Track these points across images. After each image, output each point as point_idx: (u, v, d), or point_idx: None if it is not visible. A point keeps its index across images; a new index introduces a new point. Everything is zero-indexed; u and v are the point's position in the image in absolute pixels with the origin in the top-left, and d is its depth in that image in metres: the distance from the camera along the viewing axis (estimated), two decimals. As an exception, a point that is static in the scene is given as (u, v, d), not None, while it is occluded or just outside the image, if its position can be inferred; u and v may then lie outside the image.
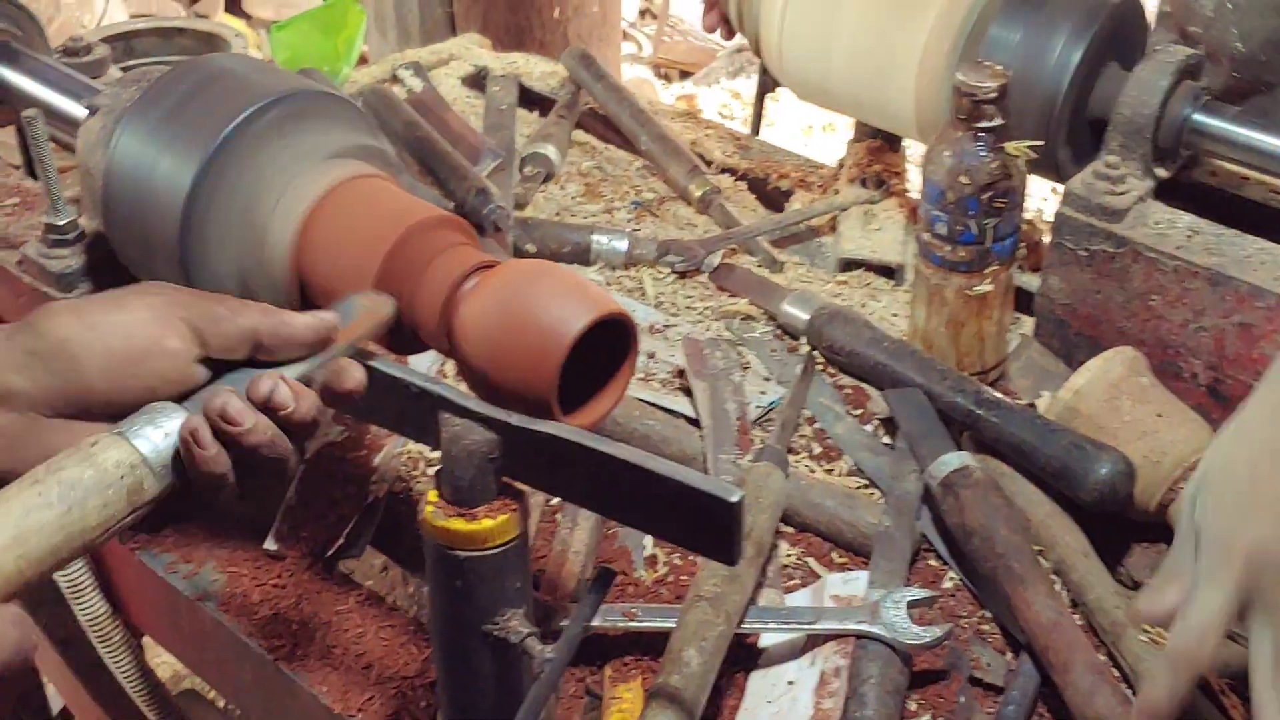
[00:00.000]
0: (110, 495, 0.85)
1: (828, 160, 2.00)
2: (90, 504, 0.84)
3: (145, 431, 0.88)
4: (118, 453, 0.87)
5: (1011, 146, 1.39)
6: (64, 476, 0.84)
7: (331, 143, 1.13)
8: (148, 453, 0.87)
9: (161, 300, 0.93)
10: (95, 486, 0.85)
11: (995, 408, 1.36)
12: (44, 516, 0.82)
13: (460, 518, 0.97)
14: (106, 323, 0.91)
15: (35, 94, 1.35)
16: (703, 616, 1.13)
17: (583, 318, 0.97)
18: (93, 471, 0.85)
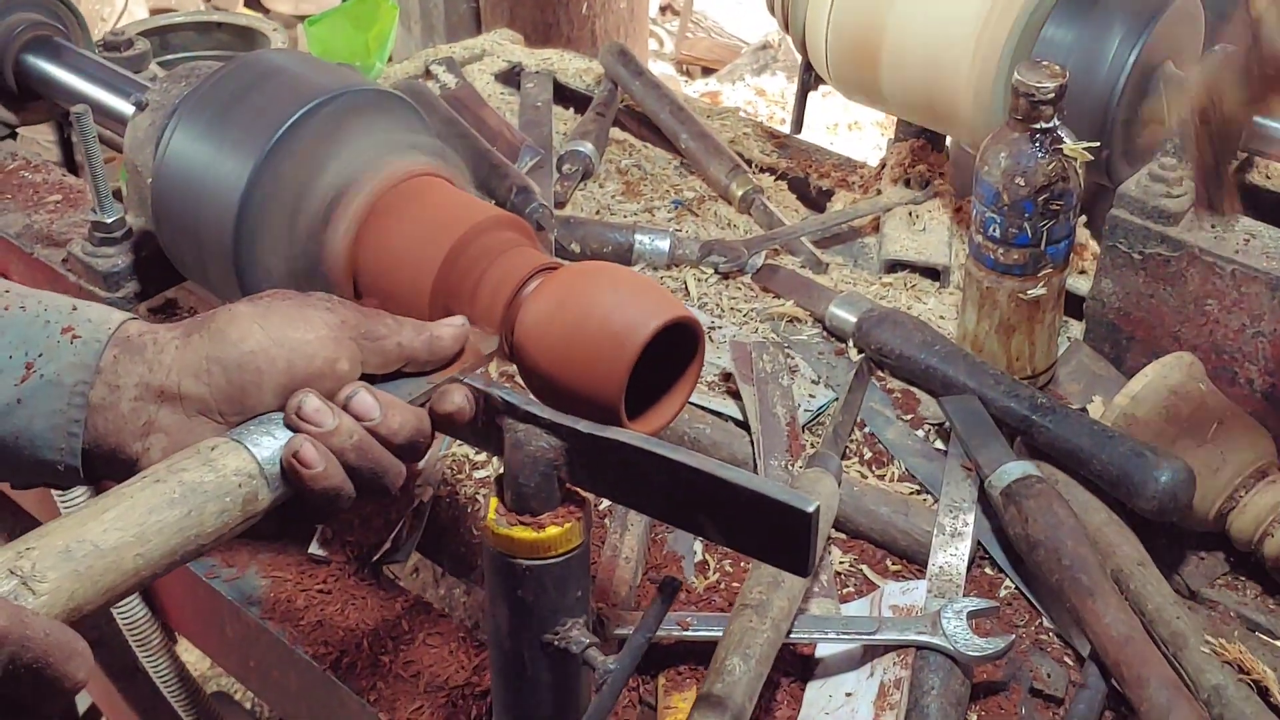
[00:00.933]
0: (227, 503, 0.85)
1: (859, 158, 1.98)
2: (209, 509, 0.84)
3: (262, 441, 0.88)
4: (236, 460, 0.86)
5: (1069, 148, 1.36)
6: (186, 479, 0.84)
7: (388, 140, 1.11)
8: (264, 463, 0.87)
9: (336, 319, 0.93)
10: (215, 493, 0.84)
11: (1051, 413, 1.34)
12: (166, 517, 0.82)
13: (523, 525, 0.95)
14: (292, 340, 0.91)
15: (80, 89, 1.33)
16: (747, 624, 1.11)
17: (652, 322, 0.95)
18: (214, 477, 0.84)
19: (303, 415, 0.89)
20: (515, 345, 1.01)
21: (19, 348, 0.91)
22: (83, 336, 0.92)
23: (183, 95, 1.16)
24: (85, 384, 0.91)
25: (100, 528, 0.80)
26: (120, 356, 0.92)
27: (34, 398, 0.90)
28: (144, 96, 1.18)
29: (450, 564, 1.29)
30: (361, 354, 0.94)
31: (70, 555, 0.78)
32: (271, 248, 1.09)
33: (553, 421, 0.94)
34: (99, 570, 0.79)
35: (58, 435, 0.91)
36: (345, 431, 0.89)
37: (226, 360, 0.90)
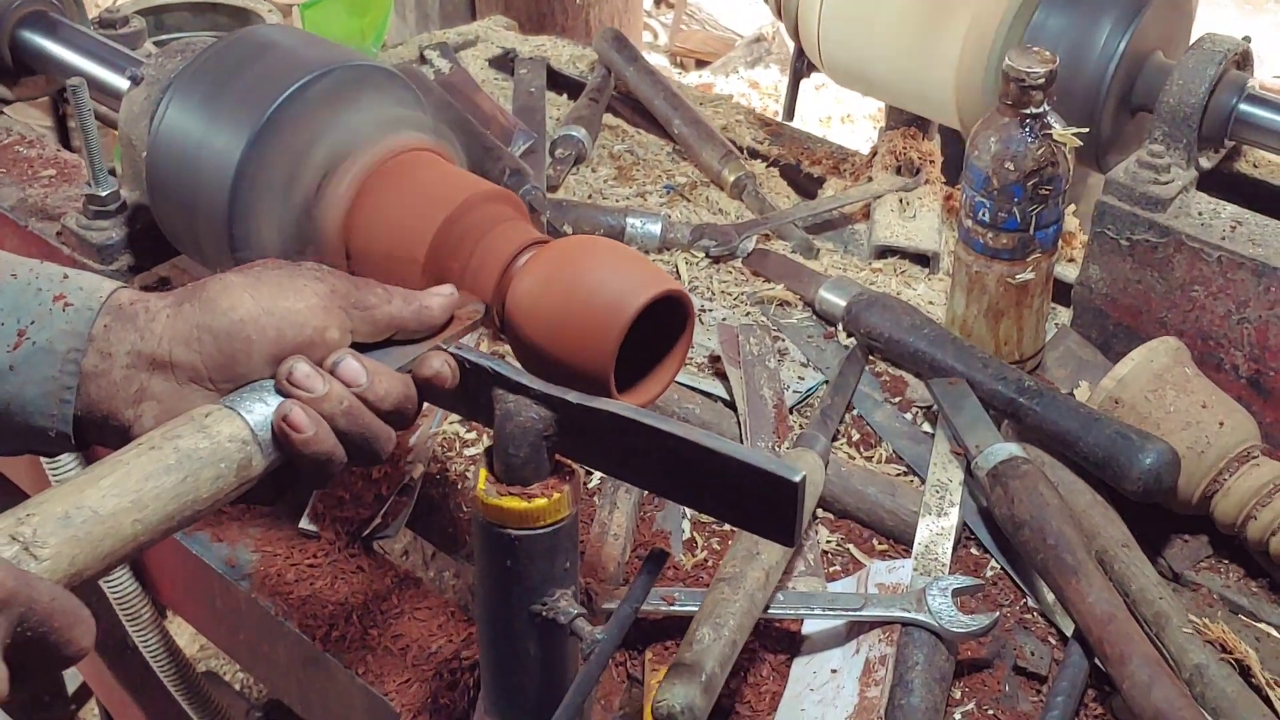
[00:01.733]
0: (222, 469, 0.86)
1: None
2: (204, 475, 0.85)
3: (255, 408, 0.88)
4: (230, 427, 0.87)
5: (1059, 133, 1.37)
6: (181, 445, 0.84)
7: (382, 116, 1.12)
8: (257, 429, 0.87)
9: (326, 288, 0.93)
10: (210, 458, 0.85)
11: (1038, 396, 1.35)
12: (162, 483, 0.83)
13: (513, 495, 0.95)
14: (282, 309, 0.91)
15: (76, 64, 1.34)
16: (720, 596, 1.12)
17: (641, 295, 0.96)
18: (208, 443, 0.85)
19: (293, 381, 0.89)
20: (506, 318, 1.01)
21: (10, 315, 0.91)
22: (75, 304, 0.92)
23: (178, 69, 1.17)
24: (78, 351, 0.91)
25: (98, 494, 0.81)
26: (112, 325, 0.92)
27: (26, 365, 0.90)
28: (139, 71, 1.19)
29: (440, 540, 1.30)
30: (351, 323, 0.95)
31: (70, 521, 0.79)
32: (265, 221, 1.10)
33: (543, 392, 0.94)
34: (98, 535, 0.80)
35: (50, 402, 0.91)
36: (335, 397, 0.90)
37: (217, 329, 0.91)
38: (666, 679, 1.06)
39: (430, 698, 1.16)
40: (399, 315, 0.96)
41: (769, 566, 1.15)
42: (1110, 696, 1.15)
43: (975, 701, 1.14)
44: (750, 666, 1.17)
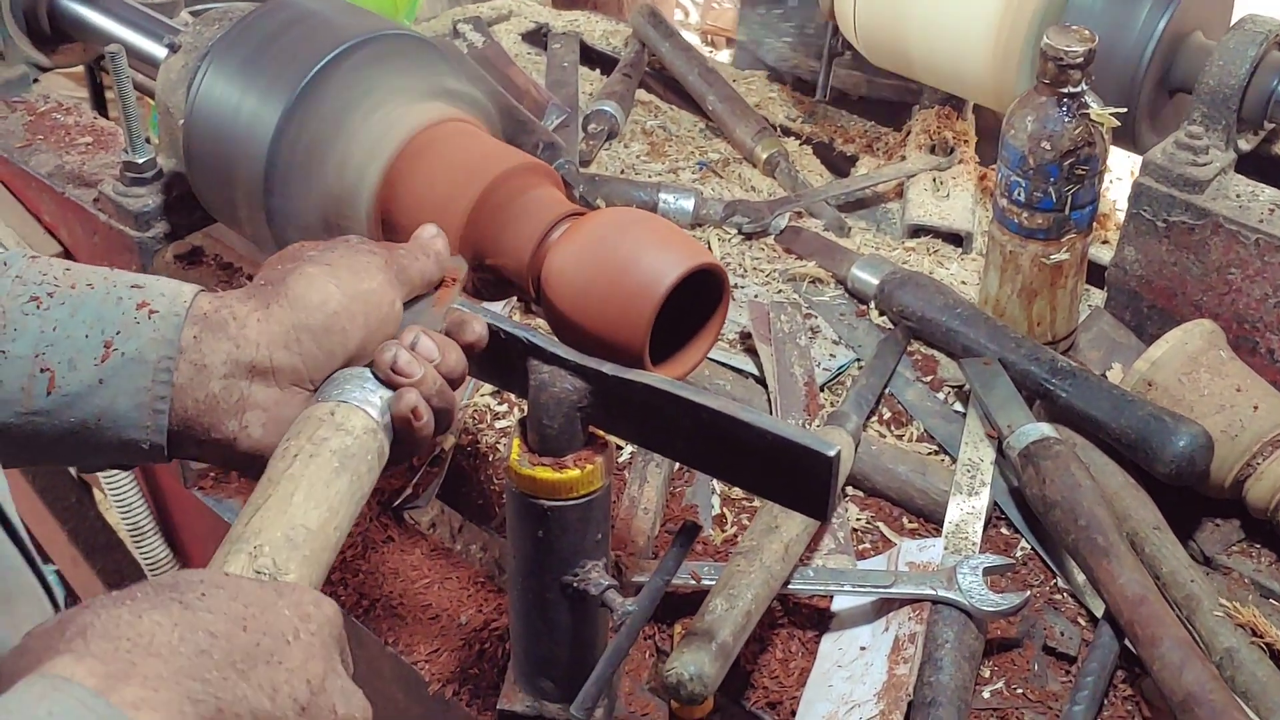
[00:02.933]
0: (370, 461, 0.86)
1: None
2: (361, 470, 0.85)
3: (369, 399, 0.88)
4: (361, 420, 0.86)
5: (1096, 113, 1.36)
6: (334, 446, 0.84)
7: (419, 86, 1.12)
8: (378, 418, 0.87)
9: (380, 260, 0.93)
10: (360, 453, 0.85)
11: (1070, 377, 1.35)
12: (339, 486, 0.83)
13: (546, 466, 0.96)
14: (363, 292, 0.90)
15: (114, 31, 1.34)
16: (735, 568, 1.13)
17: (677, 268, 0.96)
18: (352, 440, 0.85)
19: (398, 370, 0.88)
20: (542, 289, 1.01)
21: (95, 326, 0.87)
22: (160, 311, 0.88)
23: (215, 38, 1.17)
24: (169, 359, 0.87)
25: (301, 511, 0.81)
26: (202, 335, 0.88)
27: (116, 376, 0.86)
28: (177, 39, 1.19)
29: (469, 512, 1.30)
30: (400, 289, 0.94)
31: (294, 544, 0.79)
32: (301, 191, 1.10)
33: (578, 363, 0.95)
34: (318, 550, 0.80)
35: (143, 413, 0.87)
36: (430, 379, 0.89)
37: (314, 326, 0.89)
38: (678, 648, 1.06)
39: (460, 667, 1.17)
40: (426, 269, 0.96)
41: (788, 540, 1.16)
42: (1140, 678, 1.15)
43: (1004, 680, 1.14)
44: (780, 643, 1.17)
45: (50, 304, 0.87)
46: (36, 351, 0.86)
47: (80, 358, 0.86)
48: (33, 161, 1.41)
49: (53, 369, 0.86)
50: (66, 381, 0.86)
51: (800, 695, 1.13)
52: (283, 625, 0.70)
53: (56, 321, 0.87)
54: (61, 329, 0.86)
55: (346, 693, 0.73)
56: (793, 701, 1.13)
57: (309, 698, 0.70)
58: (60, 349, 0.86)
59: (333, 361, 0.90)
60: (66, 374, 0.86)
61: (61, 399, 0.86)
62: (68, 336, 0.86)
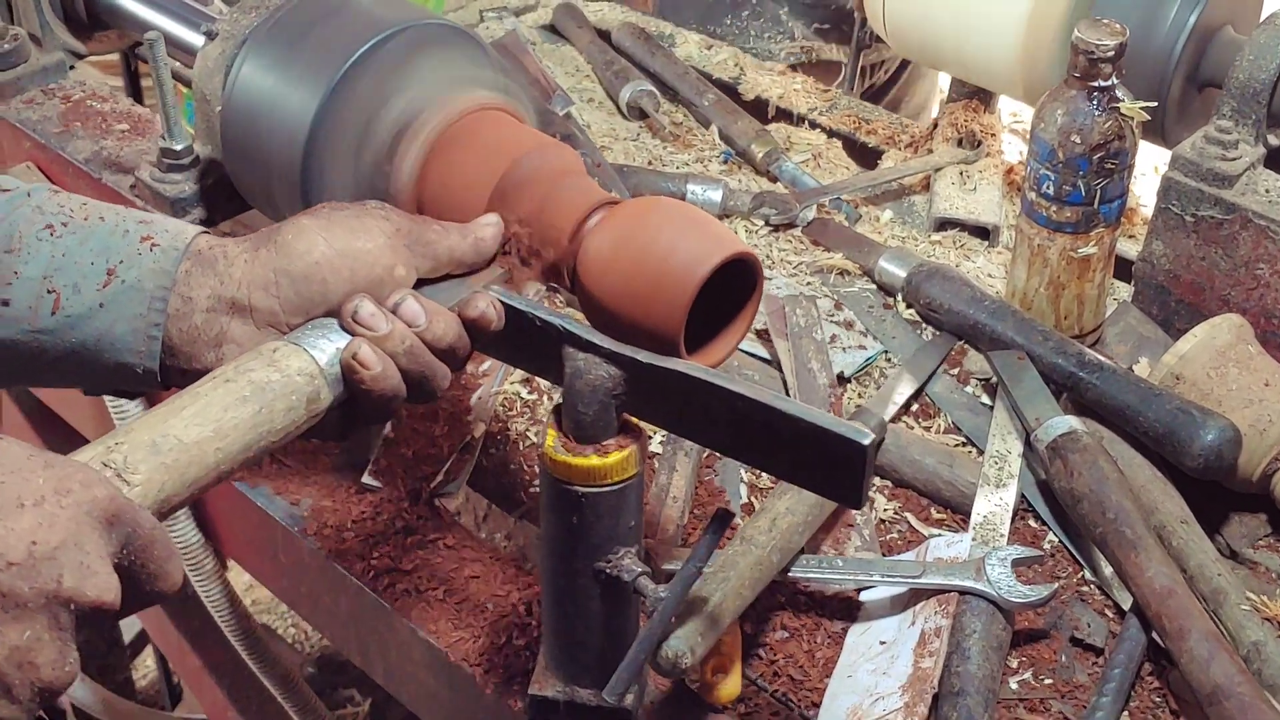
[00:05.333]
0: (294, 401, 0.89)
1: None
2: (277, 407, 0.88)
3: (320, 344, 0.92)
4: (299, 361, 0.90)
5: (1126, 107, 1.36)
6: (254, 378, 0.87)
7: (454, 74, 1.12)
8: (324, 364, 0.91)
9: (391, 227, 0.97)
10: (282, 391, 0.88)
11: (1098, 370, 1.35)
12: (240, 414, 0.86)
13: (580, 453, 0.96)
14: (354, 249, 0.94)
15: (149, 19, 1.35)
16: (728, 551, 1.14)
17: (713, 257, 0.97)
18: (279, 376, 0.88)
19: (358, 319, 0.92)
20: (578, 277, 1.02)
21: (100, 255, 0.94)
22: (161, 245, 0.96)
23: (252, 26, 1.18)
24: (165, 289, 0.94)
25: (182, 423, 0.84)
26: (192, 270, 0.95)
27: (115, 302, 0.94)
28: (214, 26, 1.20)
29: (498, 499, 1.31)
30: (415, 259, 0.97)
31: (158, 449, 0.82)
32: (338, 179, 1.11)
33: (613, 351, 0.95)
34: (184, 463, 0.83)
35: (138, 338, 0.94)
36: (398, 336, 0.93)
37: (294, 272, 0.94)
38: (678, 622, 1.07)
39: (489, 651, 1.18)
40: (457, 248, 1.00)
41: (775, 515, 1.16)
42: (1168, 670, 1.15)
43: (1031, 671, 1.15)
44: (806, 633, 1.18)
45: (63, 232, 0.95)
46: (45, 274, 0.94)
47: (85, 282, 0.94)
48: (69, 147, 1.42)
49: (59, 290, 0.94)
50: (70, 303, 0.94)
51: (825, 686, 1.14)
52: (23, 490, 0.71)
53: (66, 248, 0.95)
54: (70, 255, 0.94)
55: (84, 570, 0.72)
56: (817, 693, 1.13)
57: (24, 557, 0.70)
58: (67, 273, 0.94)
59: (310, 309, 0.94)
60: (71, 296, 0.94)
61: (65, 319, 0.94)
62: (75, 263, 0.94)
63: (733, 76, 2.03)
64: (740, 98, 1.98)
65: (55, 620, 0.71)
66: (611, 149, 1.82)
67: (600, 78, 1.99)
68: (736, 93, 1.99)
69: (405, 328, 0.94)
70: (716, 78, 2.01)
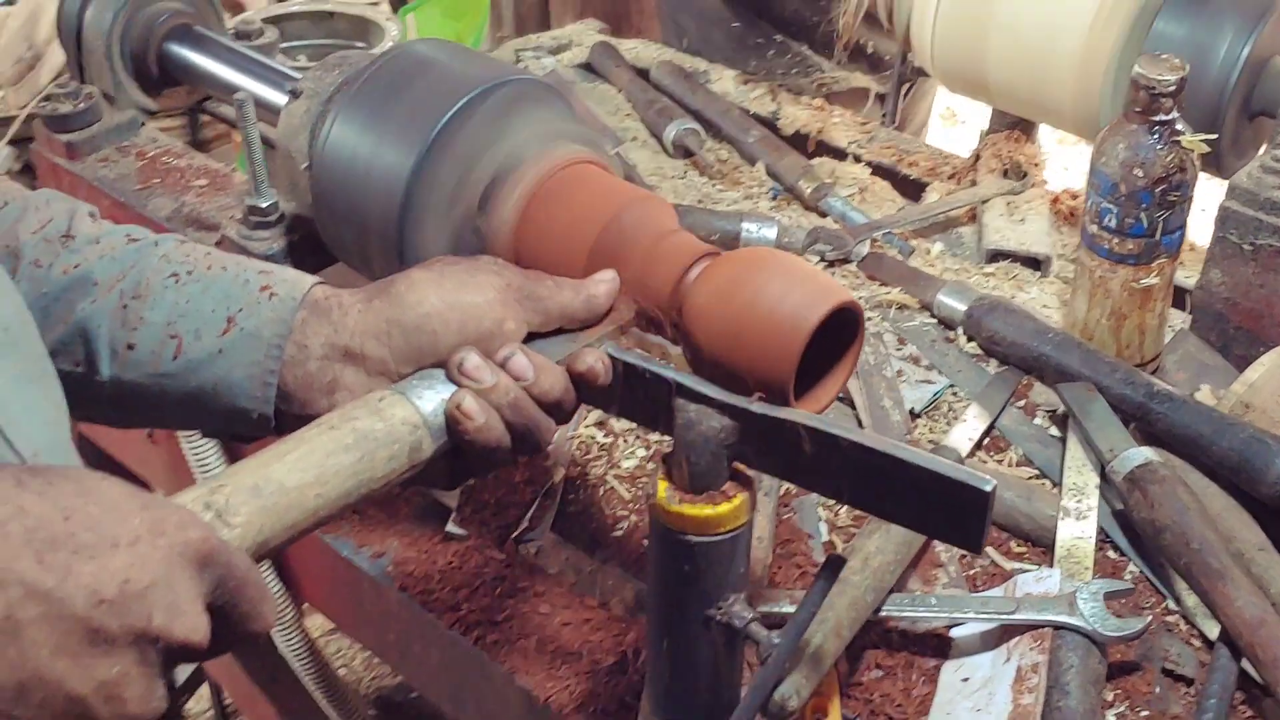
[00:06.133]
0: (396, 450, 0.90)
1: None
2: (379, 455, 0.89)
3: (425, 394, 0.93)
4: (403, 411, 0.92)
5: (1187, 140, 1.38)
6: (358, 426, 0.89)
7: (543, 130, 1.14)
8: (428, 414, 0.92)
9: (503, 282, 0.99)
10: (385, 440, 0.90)
11: (1168, 401, 1.36)
12: (342, 460, 0.87)
13: (694, 503, 0.98)
14: (465, 303, 0.97)
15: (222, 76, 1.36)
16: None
17: (821, 306, 0.98)
18: (382, 425, 0.90)
19: (464, 371, 0.94)
20: (684, 328, 1.03)
21: (221, 303, 0.98)
22: (279, 295, 0.99)
23: (336, 84, 1.19)
24: (281, 337, 0.97)
25: (284, 468, 0.85)
26: (308, 318, 0.98)
27: (234, 349, 0.97)
28: (299, 85, 1.22)
29: (580, 542, 1.32)
30: (526, 314, 1.00)
31: (259, 492, 0.83)
32: (433, 234, 1.13)
33: (725, 402, 0.97)
34: (284, 507, 0.84)
35: (254, 385, 0.97)
36: (503, 389, 0.95)
37: (405, 322, 0.96)
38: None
39: (588, 698, 1.18)
40: (569, 305, 1.02)
41: (866, 554, 1.18)
42: (1260, 700, 1.16)
43: (1128, 704, 1.16)
44: (900, 671, 1.19)
45: (187, 281, 1.00)
46: (169, 320, 0.98)
47: (206, 329, 0.98)
48: (150, 206, 1.44)
49: (181, 336, 0.98)
50: (192, 349, 0.98)
51: (922, 722, 1.15)
52: (118, 530, 0.71)
53: (190, 296, 0.99)
54: (193, 303, 0.99)
55: (174, 609, 0.72)
56: (916, 730, 1.15)
57: (116, 594, 0.69)
58: (190, 320, 0.98)
59: (420, 359, 0.96)
60: (192, 342, 0.98)
61: (186, 364, 0.98)
62: (198, 310, 0.98)
63: (770, 111, 2.06)
64: (779, 132, 2.00)
65: (143, 657, 0.72)
66: (660, 187, 1.83)
67: (642, 116, 2.01)
68: (775, 127, 2.02)
69: (511, 381, 0.95)
70: (754, 113, 2.04)
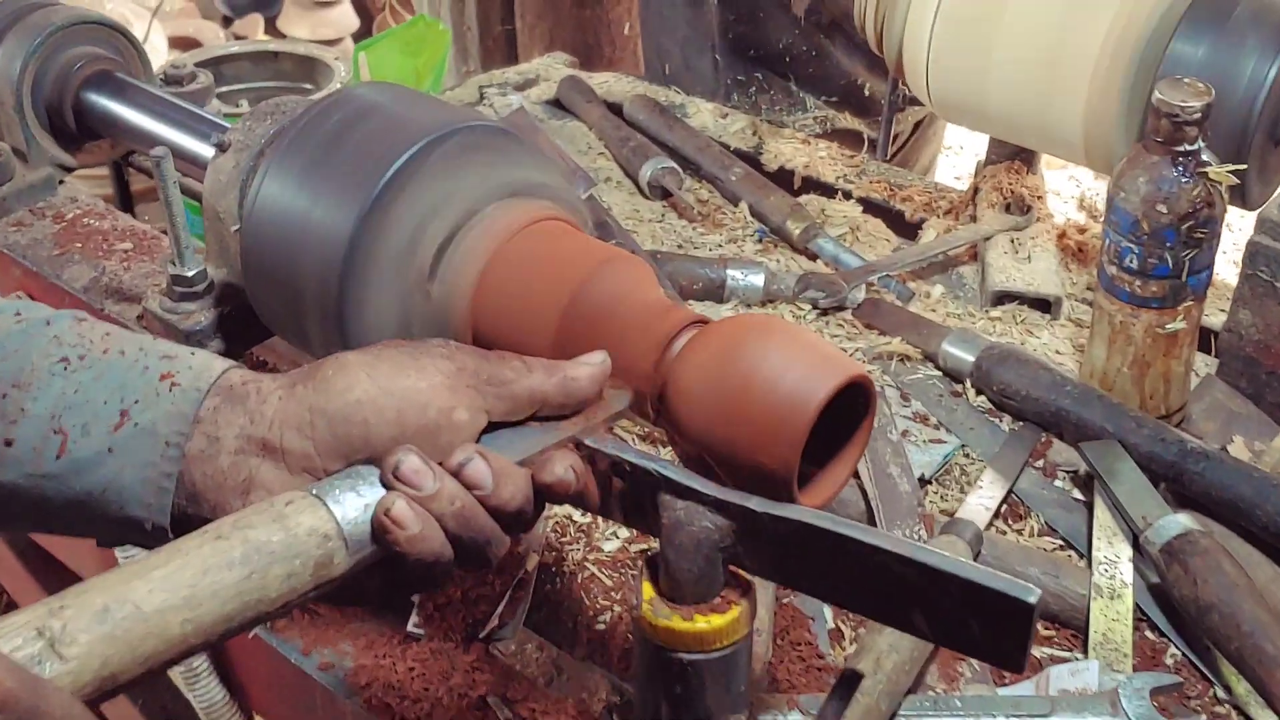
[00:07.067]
0: (296, 565, 0.76)
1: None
2: (274, 572, 0.75)
3: (345, 498, 0.79)
4: (312, 518, 0.77)
5: (1214, 171, 1.26)
6: (252, 537, 0.75)
7: (504, 182, 1.01)
8: (344, 523, 0.78)
9: (453, 366, 0.85)
10: (283, 553, 0.75)
11: (1204, 459, 1.24)
12: (223, 579, 0.73)
13: (684, 616, 0.84)
14: (402, 388, 0.82)
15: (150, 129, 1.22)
16: None
17: (827, 382, 0.85)
18: (282, 535, 0.75)
19: (400, 475, 0.80)
20: (667, 409, 0.90)
21: (115, 393, 0.84)
22: (182, 385, 0.85)
23: (268, 135, 1.06)
24: (181, 434, 0.83)
25: (146, 587, 0.71)
26: (221, 406, 0.84)
27: (126, 447, 0.83)
28: (225, 137, 1.08)
29: (557, 637, 1.18)
30: (484, 401, 0.86)
31: (108, 616, 0.69)
32: (380, 302, 0.99)
33: (719, 499, 0.83)
34: (138, 635, 0.70)
35: (147, 490, 0.83)
36: (446, 496, 0.81)
37: (330, 411, 0.82)
38: None
39: (569, 823, 1.05)
40: (540, 389, 0.87)
41: (889, 665, 1.04)
42: (1330, 804, 1.03)
43: (1181, 813, 1.03)
44: (922, 778, 1.05)
45: (78, 367, 0.85)
46: (54, 412, 0.84)
47: (95, 423, 0.84)
48: (66, 274, 1.28)
49: (66, 431, 0.84)
50: (78, 446, 0.84)
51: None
52: None
53: (79, 384, 0.85)
54: (83, 393, 0.84)
55: None
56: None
57: None
58: (78, 413, 0.84)
59: (349, 454, 0.82)
60: (79, 439, 0.84)
61: (70, 464, 0.84)
62: (87, 401, 0.84)
63: (752, 146, 1.93)
64: (763, 169, 1.87)
65: None
66: (637, 232, 1.70)
67: (616, 154, 1.88)
68: (758, 163, 1.89)
69: (457, 486, 0.82)
70: (735, 148, 1.91)
